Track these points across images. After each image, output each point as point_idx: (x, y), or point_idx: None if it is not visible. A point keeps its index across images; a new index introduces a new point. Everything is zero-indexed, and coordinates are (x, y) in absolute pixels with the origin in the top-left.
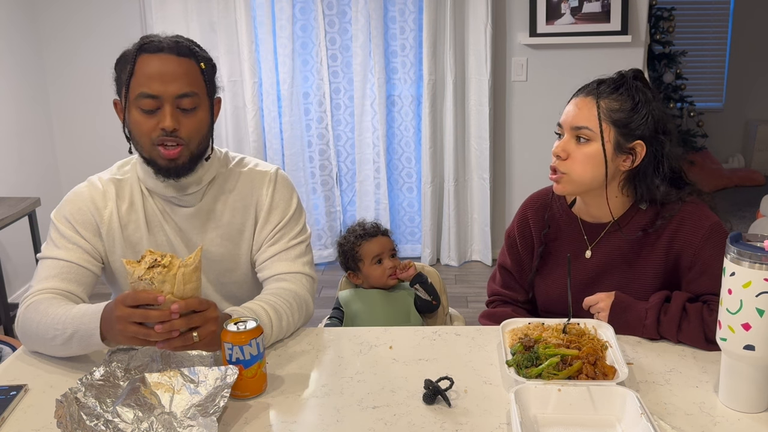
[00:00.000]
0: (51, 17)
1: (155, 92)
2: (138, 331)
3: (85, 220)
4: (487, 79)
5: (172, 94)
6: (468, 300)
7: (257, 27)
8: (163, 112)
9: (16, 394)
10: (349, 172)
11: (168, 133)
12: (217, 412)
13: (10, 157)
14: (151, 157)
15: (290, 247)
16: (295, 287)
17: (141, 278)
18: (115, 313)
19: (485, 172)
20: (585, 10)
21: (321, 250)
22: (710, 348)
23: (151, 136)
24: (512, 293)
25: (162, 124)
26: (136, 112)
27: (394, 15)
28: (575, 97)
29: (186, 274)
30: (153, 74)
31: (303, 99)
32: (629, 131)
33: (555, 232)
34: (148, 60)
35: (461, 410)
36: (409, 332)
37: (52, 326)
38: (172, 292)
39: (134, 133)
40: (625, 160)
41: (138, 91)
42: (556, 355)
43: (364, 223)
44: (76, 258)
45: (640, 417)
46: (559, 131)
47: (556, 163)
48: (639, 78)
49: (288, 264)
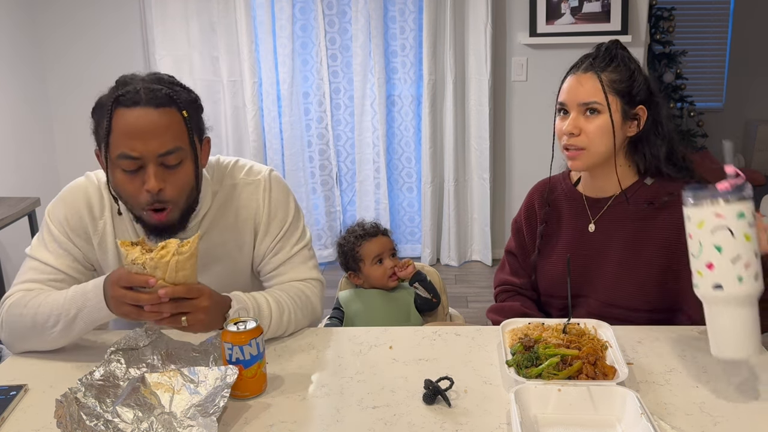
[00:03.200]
0: (51, 17)
1: (136, 153)
2: (130, 311)
3: (78, 226)
4: (487, 79)
5: (153, 153)
6: (468, 300)
7: (257, 27)
8: (147, 172)
9: (16, 394)
10: (349, 172)
11: (154, 196)
12: (216, 412)
13: (9, 157)
14: (140, 217)
15: (294, 254)
16: (304, 287)
17: (134, 262)
18: (109, 293)
19: (485, 172)
20: (585, 10)
21: (321, 250)
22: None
23: (139, 200)
24: (518, 280)
25: (146, 186)
26: (118, 172)
27: (394, 15)
28: (572, 74)
29: (180, 261)
30: (132, 132)
31: (303, 99)
32: (631, 98)
33: (557, 212)
34: (125, 115)
35: (461, 410)
36: (409, 332)
37: (50, 313)
38: (164, 278)
39: (121, 192)
40: (631, 126)
41: (118, 151)
42: (556, 355)
43: (363, 223)
44: (64, 266)
45: (640, 417)
46: (562, 109)
47: (569, 141)
48: (623, 47)
49: (294, 273)
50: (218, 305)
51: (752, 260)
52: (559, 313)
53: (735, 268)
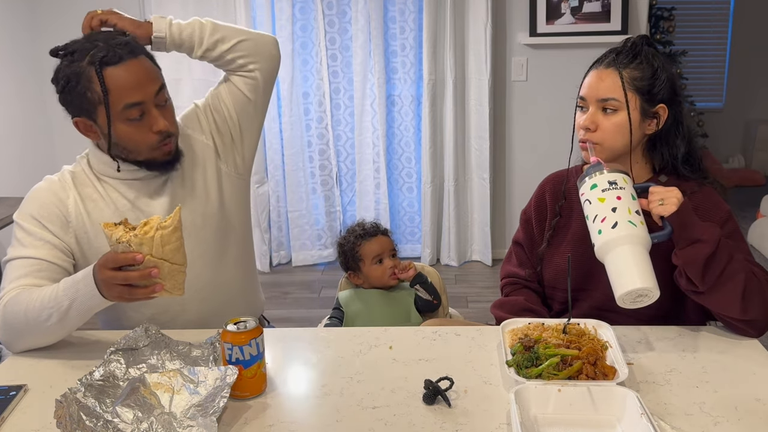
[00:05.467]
0: (51, 16)
1: (139, 99)
2: (122, 291)
3: (51, 213)
4: (487, 79)
5: (151, 95)
6: (468, 300)
7: (257, 27)
8: (150, 115)
9: (16, 394)
10: (349, 172)
11: (163, 132)
12: (216, 413)
13: (10, 157)
14: (149, 157)
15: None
16: None
17: (119, 241)
18: (99, 277)
19: (485, 172)
20: (585, 9)
21: (321, 250)
22: (742, 318)
23: (148, 142)
24: (524, 271)
25: (156, 128)
26: (123, 125)
27: (394, 15)
28: (594, 69)
29: (164, 236)
30: (130, 83)
31: (303, 99)
32: (652, 97)
33: (569, 205)
34: (116, 71)
35: (461, 410)
36: (409, 332)
37: (43, 307)
38: (151, 254)
39: (128, 144)
40: (650, 124)
41: (121, 104)
42: (556, 355)
43: (363, 223)
44: (46, 255)
45: (640, 417)
46: (581, 104)
47: (586, 136)
48: (650, 43)
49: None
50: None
51: (608, 215)
52: (560, 307)
53: (594, 227)
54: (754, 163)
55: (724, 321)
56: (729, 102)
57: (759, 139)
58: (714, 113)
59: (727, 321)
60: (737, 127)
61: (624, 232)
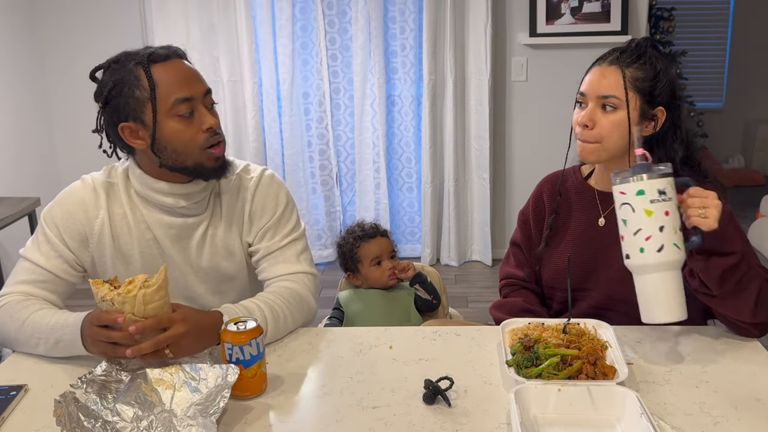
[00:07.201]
0: (51, 16)
1: (189, 94)
2: (106, 349)
3: (74, 229)
4: (487, 79)
5: (201, 92)
6: (468, 300)
7: (257, 27)
8: (199, 113)
9: (16, 394)
10: (349, 172)
11: (212, 131)
12: (216, 413)
13: (9, 157)
14: (198, 162)
15: (285, 245)
16: (296, 286)
17: (103, 299)
18: (86, 331)
19: (485, 172)
20: (585, 10)
21: (321, 250)
22: (751, 321)
23: (198, 141)
24: (522, 272)
25: (207, 125)
26: (173, 121)
27: (394, 15)
28: (596, 65)
29: (147, 294)
30: (180, 78)
31: (303, 99)
32: (652, 99)
33: (567, 204)
34: (165, 68)
35: (461, 410)
36: (409, 332)
37: (33, 335)
38: (134, 313)
39: (176, 143)
40: (647, 126)
41: (172, 99)
42: (556, 355)
43: (363, 224)
44: (55, 268)
45: (640, 417)
46: (581, 99)
47: (583, 133)
48: (654, 46)
49: (287, 265)
50: (202, 326)
51: (655, 234)
52: (560, 307)
53: (636, 240)
54: (754, 163)
55: (729, 322)
56: (729, 102)
57: (759, 139)
58: (714, 113)
59: (733, 322)
60: (737, 127)
61: (668, 258)
